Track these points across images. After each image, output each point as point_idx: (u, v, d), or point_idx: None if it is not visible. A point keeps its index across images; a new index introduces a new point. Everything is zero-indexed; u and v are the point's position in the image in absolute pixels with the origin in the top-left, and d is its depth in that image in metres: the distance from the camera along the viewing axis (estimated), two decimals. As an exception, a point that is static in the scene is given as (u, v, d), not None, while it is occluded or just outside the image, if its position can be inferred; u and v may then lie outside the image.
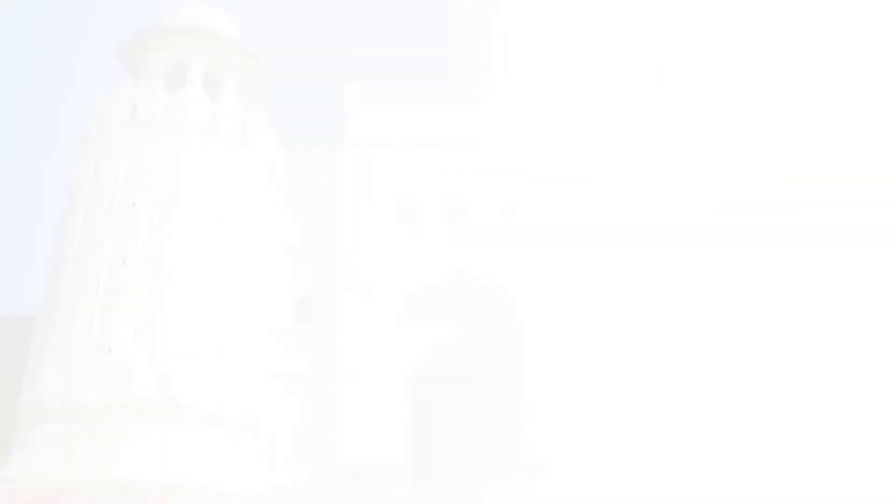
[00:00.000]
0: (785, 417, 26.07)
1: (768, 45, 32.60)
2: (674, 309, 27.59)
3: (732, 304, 27.67)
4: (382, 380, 26.87)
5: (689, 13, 33.62)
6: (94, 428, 21.85)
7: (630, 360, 27.74)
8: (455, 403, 33.34)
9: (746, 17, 33.22)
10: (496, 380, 28.85)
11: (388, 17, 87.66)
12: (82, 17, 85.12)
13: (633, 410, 27.00)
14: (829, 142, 29.91)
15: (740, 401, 26.33)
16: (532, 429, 26.12)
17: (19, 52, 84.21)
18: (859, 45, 32.07)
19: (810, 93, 31.13)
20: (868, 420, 25.78)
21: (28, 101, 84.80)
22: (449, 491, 25.69)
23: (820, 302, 27.49)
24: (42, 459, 21.38)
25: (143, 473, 20.34)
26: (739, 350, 27.12)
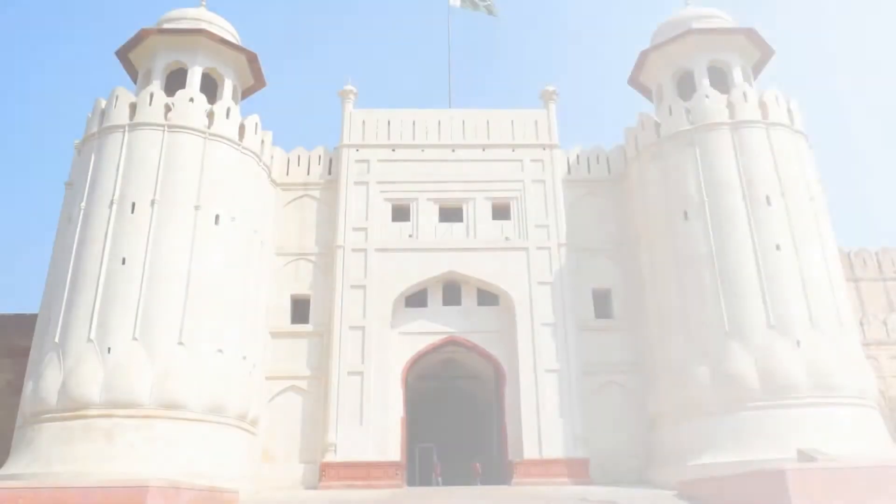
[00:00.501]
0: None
1: None
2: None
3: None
4: (381, 379, 26.87)
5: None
6: (94, 428, 21.90)
7: (623, 357, 27.81)
8: (452, 403, 33.43)
9: None
10: (491, 380, 28.89)
11: (388, 17, 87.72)
12: (82, 17, 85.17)
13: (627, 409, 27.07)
14: None
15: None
16: (526, 428, 26.12)
17: (19, 52, 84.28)
18: None
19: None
20: None
21: (28, 101, 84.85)
22: (445, 489, 25.67)
23: None
24: (42, 459, 21.42)
25: (143, 473, 20.36)
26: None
